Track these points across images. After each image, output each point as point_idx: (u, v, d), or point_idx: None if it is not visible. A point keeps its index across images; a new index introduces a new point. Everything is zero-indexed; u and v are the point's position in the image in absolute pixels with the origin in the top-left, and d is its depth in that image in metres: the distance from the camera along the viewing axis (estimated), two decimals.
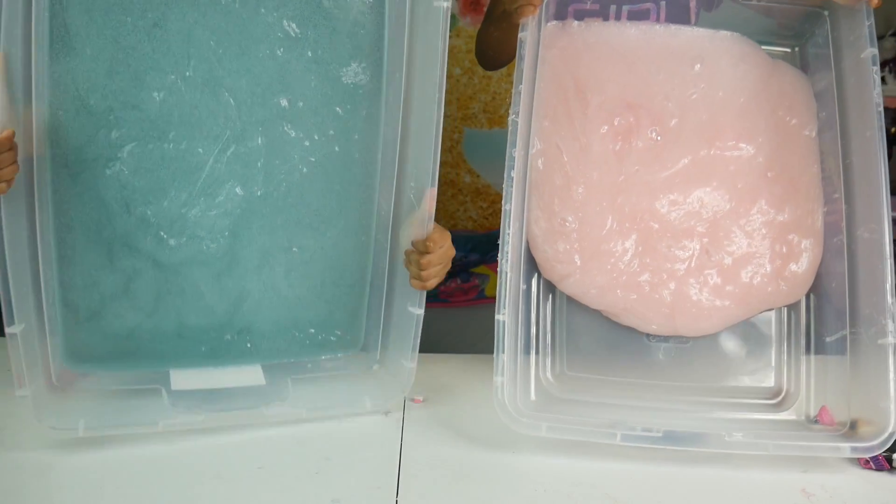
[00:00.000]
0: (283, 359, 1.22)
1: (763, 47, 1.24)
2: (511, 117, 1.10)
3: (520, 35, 1.13)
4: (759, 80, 1.22)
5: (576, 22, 1.24)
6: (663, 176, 1.20)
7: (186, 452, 1.02)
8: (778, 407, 1.17)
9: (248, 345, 1.20)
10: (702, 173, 1.20)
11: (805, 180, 1.20)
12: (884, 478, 1.04)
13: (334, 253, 1.22)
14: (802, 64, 1.26)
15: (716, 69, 1.22)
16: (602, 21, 1.24)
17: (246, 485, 0.95)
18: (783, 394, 1.18)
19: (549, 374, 1.20)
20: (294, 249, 1.20)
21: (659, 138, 1.20)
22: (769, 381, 1.19)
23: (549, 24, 1.22)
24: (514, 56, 1.12)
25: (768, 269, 1.18)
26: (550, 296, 1.22)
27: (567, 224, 1.18)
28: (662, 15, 1.23)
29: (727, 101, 1.21)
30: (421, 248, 1.12)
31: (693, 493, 1.00)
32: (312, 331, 1.25)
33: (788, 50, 1.27)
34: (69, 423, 1.01)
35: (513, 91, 1.11)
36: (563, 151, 1.19)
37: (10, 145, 0.93)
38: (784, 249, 1.18)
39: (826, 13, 1.19)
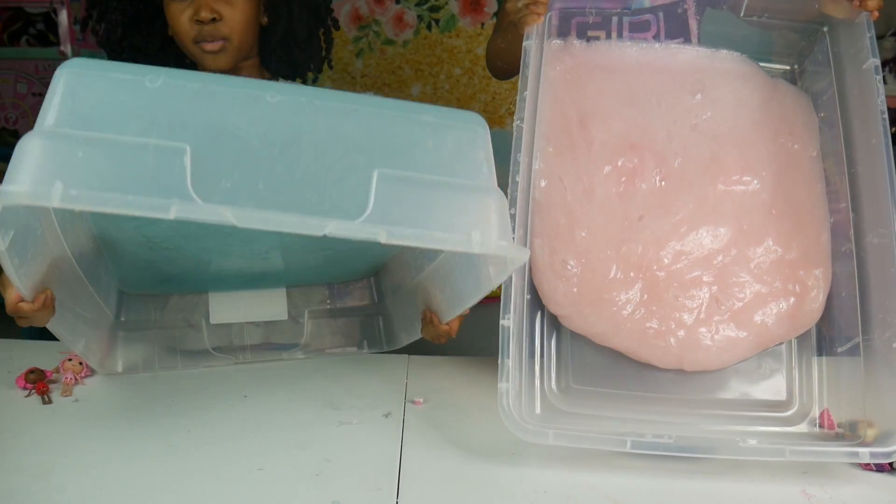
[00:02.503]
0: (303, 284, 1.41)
1: (762, 65, 1.25)
2: (516, 122, 1.10)
3: (524, 44, 1.14)
4: (759, 105, 1.22)
5: (577, 41, 1.24)
6: (668, 224, 1.17)
7: (186, 453, 1.00)
8: (791, 419, 1.14)
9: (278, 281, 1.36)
10: (707, 217, 1.17)
11: (810, 205, 1.18)
12: (885, 479, 1.02)
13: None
14: (802, 80, 1.26)
15: (717, 96, 1.21)
16: (604, 40, 1.25)
17: (246, 486, 0.92)
18: (796, 405, 1.14)
19: (553, 387, 1.16)
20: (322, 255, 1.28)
21: (663, 183, 1.18)
22: (780, 393, 1.16)
23: (552, 41, 1.23)
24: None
25: (783, 309, 1.15)
26: None
27: (568, 268, 1.15)
28: (662, 27, 1.24)
29: (729, 133, 1.20)
30: (438, 331, 1.22)
31: (692, 492, 0.98)
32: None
33: (787, 67, 1.27)
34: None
35: (517, 98, 1.11)
36: (567, 189, 1.17)
37: (48, 302, 0.97)
38: (797, 287, 1.15)
39: (825, 28, 1.20)
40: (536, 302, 1.17)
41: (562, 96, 1.21)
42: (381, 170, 0.83)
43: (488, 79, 2.93)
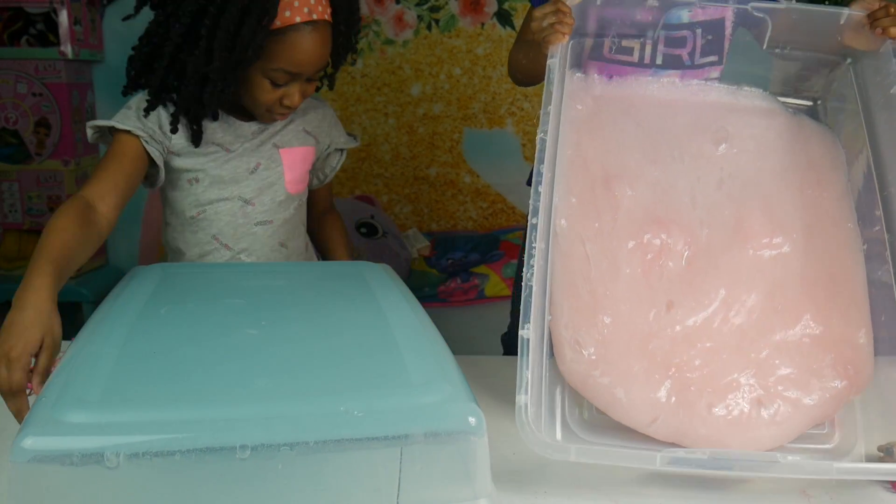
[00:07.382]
0: None
1: (784, 100, 1.24)
2: (539, 136, 1.08)
3: (549, 62, 1.12)
4: (785, 150, 1.18)
5: (597, 77, 1.24)
6: (700, 317, 1.08)
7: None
8: (828, 437, 1.06)
9: None
10: (740, 300, 1.08)
11: (841, 254, 1.12)
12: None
13: None
14: (825, 114, 1.24)
15: (740, 145, 1.18)
16: (624, 78, 1.24)
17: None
18: (837, 433, 1.06)
19: (576, 416, 1.08)
20: None
21: (691, 260, 1.11)
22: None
23: (574, 75, 1.22)
24: (543, 76, 1.12)
25: (836, 387, 1.04)
26: None
27: (584, 354, 1.04)
28: (698, 44, 1.23)
29: (755, 189, 1.16)
30: None
31: (691, 489, 0.98)
32: None
33: (810, 102, 1.26)
34: None
35: (541, 111, 1.10)
36: (590, 260, 1.08)
37: None
38: (849, 369, 1.05)
39: (848, 61, 1.20)
40: None
41: (584, 143, 1.17)
42: None
43: (488, 79, 2.97)
